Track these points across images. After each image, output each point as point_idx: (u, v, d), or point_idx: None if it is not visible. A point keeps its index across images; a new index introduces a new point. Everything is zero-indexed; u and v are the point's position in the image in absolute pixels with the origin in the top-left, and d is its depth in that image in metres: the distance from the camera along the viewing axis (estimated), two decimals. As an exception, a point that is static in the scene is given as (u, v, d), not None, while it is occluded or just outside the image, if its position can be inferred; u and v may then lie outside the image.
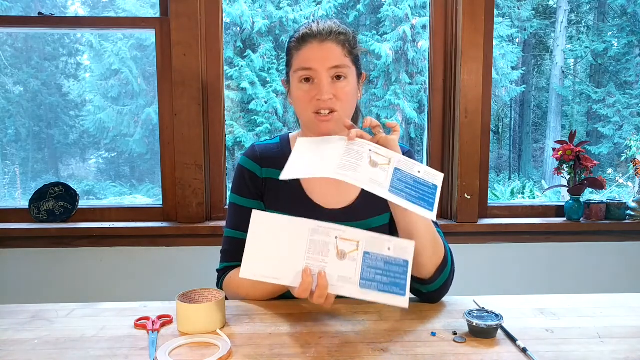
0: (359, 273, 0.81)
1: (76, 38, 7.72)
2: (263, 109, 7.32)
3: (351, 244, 0.82)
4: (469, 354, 0.77)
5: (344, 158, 0.83)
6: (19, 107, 7.55)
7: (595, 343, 0.81)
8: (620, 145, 7.76)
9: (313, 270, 0.80)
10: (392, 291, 0.80)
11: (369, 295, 0.80)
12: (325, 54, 0.99)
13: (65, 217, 1.83)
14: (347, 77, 1.00)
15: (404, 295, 0.81)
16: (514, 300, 1.01)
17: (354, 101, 1.05)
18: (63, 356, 0.77)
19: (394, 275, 0.81)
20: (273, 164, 1.09)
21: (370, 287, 0.80)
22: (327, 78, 0.99)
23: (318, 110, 0.99)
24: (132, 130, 7.60)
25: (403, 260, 0.82)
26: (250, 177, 1.09)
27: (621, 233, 1.88)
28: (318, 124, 1.00)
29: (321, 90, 0.98)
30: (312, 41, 1.00)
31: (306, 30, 1.01)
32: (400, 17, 7.41)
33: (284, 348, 0.79)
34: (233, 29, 7.43)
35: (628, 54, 8.01)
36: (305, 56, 1.00)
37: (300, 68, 1.00)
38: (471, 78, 1.79)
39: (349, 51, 1.01)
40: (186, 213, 1.81)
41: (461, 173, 1.81)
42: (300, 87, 1.01)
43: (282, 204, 1.07)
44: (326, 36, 0.99)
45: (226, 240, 1.11)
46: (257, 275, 0.81)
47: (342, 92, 1.00)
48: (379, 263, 0.81)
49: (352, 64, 1.02)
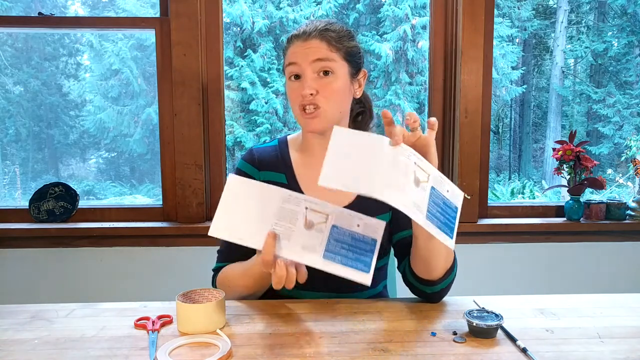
0: (324, 244, 0.81)
1: (76, 38, 7.72)
2: (263, 109, 7.32)
3: (320, 215, 0.83)
4: (469, 354, 0.77)
5: (391, 173, 0.74)
6: (19, 107, 7.55)
7: (595, 343, 0.81)
8: (620, 145, 7.76)
9: (279, 237, 0.81)
10: (356, 267, 0.80)
11: (331, 267, 0.80)
12: (308, 49, 1.00)
13: (65, 217, 1.83)
14: (335, 72, 1.00)
15: (367, 272, 0.80)
16: (514, 300, 1.01)
17: (344, 98, 1.04)
18: (63, 356, 0.77)
19: (360, 252, 0.81)
20: (270, 167, 1.10)
21: (334, 260, 0.81)
22: (310, 73, 0.99)
23: (302, 106, 1.00)
24: (132, 130, 7.60)
25: (371, 238, 0.82)
26: None
27: (621, 233, 1.88)
28: (304, 121, 1.02)
29: (302, 84, 0.99)
30: (299, 38, 1.02)
31: (296, 30, 1.04)
32: (400, 17, 7.41)
33: (284, 348, 0.79)
34: (233, 29, 7.43)
35: (628, 54, 8.01)
36: (291, 52, 1.02)
37: (287, 63, 1.03)
38: (471, 78, 1.79)
39: (336, 47, 1.01)
40: (186, 213, 1.81)
41: (461, 173, 1.81)
42: (289, 84, 1.03)
43: None
44: (310, 33, 1.01)
45: (221, 241, 1.12)
46: (223, 234, 0.82)
47: (327, 88, 0.99)
48: (346, 238, 0.82)
49: (342, 59, 1.01)
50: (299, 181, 1.08)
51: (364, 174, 0.74)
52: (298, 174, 1.09)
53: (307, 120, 1.01)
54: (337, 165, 0.76)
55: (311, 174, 1.08)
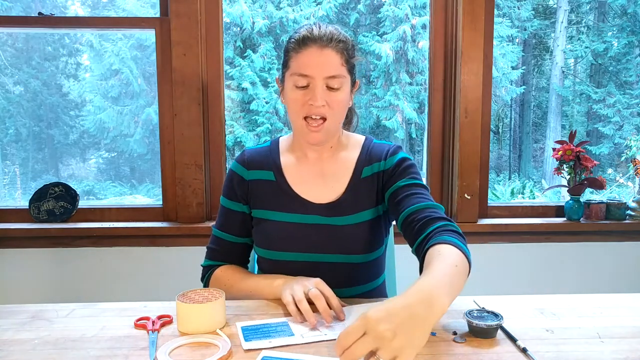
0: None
1: (76, 38, 7.73)
2: (264, 109, 7.33)
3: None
4: (469, 354, 0.77)
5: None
6: (19, 107, 7.56)
7: (595, 343, 0.81)
8: (620, 145, 7.77)
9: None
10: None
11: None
12: (324, 62, 0.98)
13: (65, 217, 1.83)
14: (342, 86, 1.01)
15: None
16: (514, 300, 1.01)
17: (345, 110, 1.06)
18: (63, 356, 0.77)
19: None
20: (259, 166, 1.11)
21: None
22: (322, 86, 0.99)
23: (309, 114, 1.00)
24: (132, 130, 7.61)
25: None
26: (237, 182, 1.11)
27: (621, 233, 1.88)
28: (308, 133, 1.02)
29: (315, 96, 0.98)
30: (312, 45, 0.98)
31: (307, 32, 1.00)
32: (400, 17, 7.42)
33: (284, 348, 0.79)
34: (233, 29, 7.44)
35: (628, 54, 8.02)
36: (304, 61, 0.99)
37: (297, 73, 0.99)
38: (471, 78, 1.79)
39: (347, 60, 1.01)
40: (186, 213, 1.81)
41: (461, 173, 1.81)
42: (295, 90, 1.01)
43: (270, 201, 1.08)
44: (327, 42, 0.98)
45: (213, 239, 1.14)
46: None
47: (335, 101, 1.00)
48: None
49: (347, 73, 1.02)
50: (287, 178, 1.09)
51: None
52: (286, 171, 1.10)
53: (311, 132, 1.01)
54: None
55: (299, 170, 1.10)
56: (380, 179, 1.08)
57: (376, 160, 1.09)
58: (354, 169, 1.09)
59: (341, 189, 1.08)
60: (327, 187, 1.08)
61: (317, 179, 1.09)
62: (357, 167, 1.09)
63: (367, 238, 1.06)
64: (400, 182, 1.04)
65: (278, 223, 1.07)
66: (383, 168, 1.08)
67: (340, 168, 1.09)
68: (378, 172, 1.08)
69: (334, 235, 1.05)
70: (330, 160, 1.10)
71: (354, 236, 1.05)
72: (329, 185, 1.08)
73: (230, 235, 1.11)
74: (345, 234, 1.05)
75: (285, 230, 1.06)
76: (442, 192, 1.91)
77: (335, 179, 1.09)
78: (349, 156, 1.11)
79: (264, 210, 1.08)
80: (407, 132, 7.86)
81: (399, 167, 1.07)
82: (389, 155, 1.09)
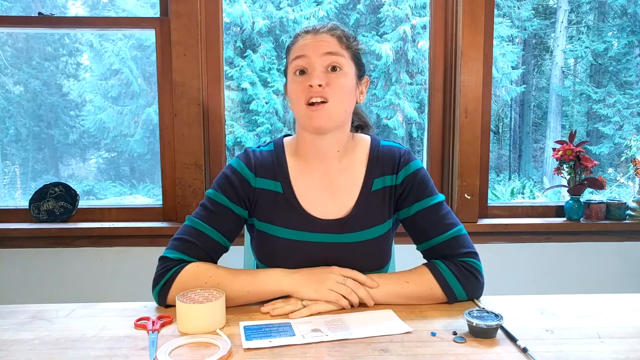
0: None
1: (76, 38, 7.73)
2: (264, 109, 7.33)
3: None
4: (469, 354, 0.77)
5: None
6: (19, 107, 7.56)
7: (595, 343, 0.81)
8: (620, 145, 7.76)
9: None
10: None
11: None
12: (320, 40, 0.99)
13: (65, 217, 1.83)
14: (343, 68, 0.99)
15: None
16: (514, 300, 1.01)
17: (351, 98, 1.01)
18: (63, 356, 0.77)
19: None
20: (267, 175, 1.05)
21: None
22: (320, 66, 0.98)
23: (310, 99, 0.96)
24: (132, 130, 7.61)
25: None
26: (242, 184, 1.03)
27: (621, 233, 1.88)
28: (310, 118, 0.97)
29: (312, 75, 0.97)
30: (309, 32, 1.01)
31: (302, 29, 1.03)
32: (400, 17, 7.41)
33: (284, 348, 0.79)
34: (233, 29, 7.43)
35: (628, 54, 8.02)
36: (299, 46, 1.00)
37: (295, 57, 1.00)
38: (471, 78, 1.79)
39: (346, 45, 1.01)
40: (186, 213, 1.81)
41: (461, 173, 1.81)
42: (294, 79, 1.00)
43: (276, 214, 1.03)
44: (320, 29, 1.01)
45: (191, 231, 1.00)
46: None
47: (335, 83, 0.97)
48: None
49: (350, 58, 1.01)
50: (295, 190, 1.04)
51: None
52: (294, 182, 1.04)
53: (312, 114, 0.96)
54: None
55: (307, 182, 1.05)
56: (393, 194, 1.05)
57: (388, 172, 1.05)
58: (363, 180, 1.04)
59: (351, 203, 1.03)
60: (335, 201, 1.04)
61: (326, 191, 1.04)
62: (367, 179, 1.04)
63: (377, 253, 1.04)
64: (419, 205, 1.03)
65: (284, 240, 1.02)
66: (395, 182, 1.04)
67: (349, 179, 1.05)
68: (390, 186, 1.05)
69: (343, 253, 1.01)
70: (338, 170, 1.05)
71: (364, 253, 1.02)
72: (337, 199, 1.04)
73: (217, 233, 1.01)
74: (355, 251, 1.01)
75: (291, 248, 1.02)
76: (442, 192, 1.91)
77: (345, 192, 1.04)
78: (357, 164, 1.06)
79: (270, 224, 1.03)
80: (408, 131, 7.86)
81: (413, 184, 1.04)
82: (400, 167, 1.05)
